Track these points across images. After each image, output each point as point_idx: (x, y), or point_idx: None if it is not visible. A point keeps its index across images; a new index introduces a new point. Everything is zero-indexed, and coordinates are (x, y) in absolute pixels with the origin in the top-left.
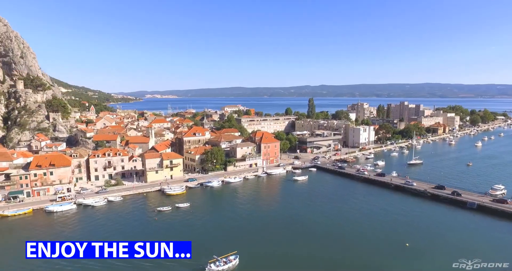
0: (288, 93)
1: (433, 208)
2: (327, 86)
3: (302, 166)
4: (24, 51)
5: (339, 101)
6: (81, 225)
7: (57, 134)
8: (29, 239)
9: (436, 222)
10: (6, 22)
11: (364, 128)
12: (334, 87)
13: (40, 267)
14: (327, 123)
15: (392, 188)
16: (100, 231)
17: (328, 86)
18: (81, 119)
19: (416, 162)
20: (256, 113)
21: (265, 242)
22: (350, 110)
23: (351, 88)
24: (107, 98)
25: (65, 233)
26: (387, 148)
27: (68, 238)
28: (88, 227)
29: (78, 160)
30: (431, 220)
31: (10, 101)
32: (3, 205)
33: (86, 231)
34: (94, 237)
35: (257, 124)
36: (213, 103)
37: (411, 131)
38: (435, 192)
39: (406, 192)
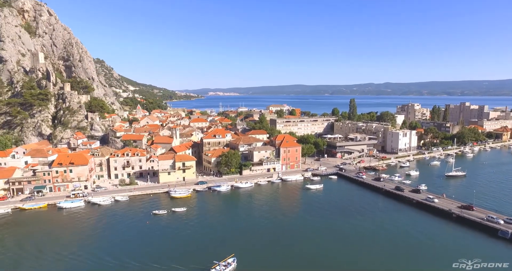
0: (350, 91)
1: (456, 234)
2: (392, 84)
3: (322, 173)
4: (82, 55)
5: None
6: (74, 225)
7: (93, 133)
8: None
9: (454, 253)
10: (70, 30)
11: (404, 133)
12: (400, 84)
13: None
14: (365, 126)
15: (414, 204)
16: (86, 233)
17: (393, 84)
18: (129, 118)
19: (456, 174)
20: (303, 113)
21: (252, 252)
22: (400, 111)
23: (419, 86)
24: (170, 95)
25: (55, 232)
26: (431, 155)
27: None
28: (78, 227)
29: (100, 159)
30: (448, 250)
31: (58, 101)
32: (22, 198)
33: (72, 232)
34: (75, 241)
35: (293, 126)
36: (271, 101)
37: (465, 136)
38: (462, 214)
39: (428, 210)
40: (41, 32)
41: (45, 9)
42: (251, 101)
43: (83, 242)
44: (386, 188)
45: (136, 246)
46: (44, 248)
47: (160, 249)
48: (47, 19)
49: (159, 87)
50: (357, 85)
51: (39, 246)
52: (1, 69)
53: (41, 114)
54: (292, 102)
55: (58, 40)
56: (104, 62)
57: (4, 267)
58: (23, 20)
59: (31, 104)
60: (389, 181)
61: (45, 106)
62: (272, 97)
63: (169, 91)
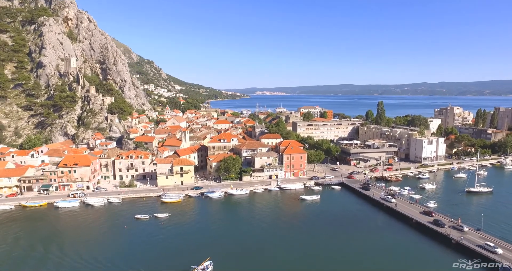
0: (401, 91)
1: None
2: (448, 83)
3: (326, 182)
4: (116, 59)
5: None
6: (59, 224)
7: (111, 134)
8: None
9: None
10: (106, 35)
11: (429, 140)
12: (457, 84)
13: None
14: (390, 131)
15: (413, 224)
16: (64, 234)
17: (450, 83)
18: (157, 118)
19: (479, 190)
20: (337, 115)
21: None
22: (438, 115)
23: (479, 85)
24: (215, 94)
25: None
26: (461, 165)
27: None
28: (61, 227)
29: (106, 160)
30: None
31: (84, 103)
32: (23, 196)
33: (53, 231)
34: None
35: (315, 129)
36: (315, 101)
37: (508, 145)
38: (462, 241)
39: (429, 234)
40: (81, 37)
41: (85, 17)
42: (295, 101)
43: (58, 241)
44: (378, 199)
45: (110, 250)
46: (22, 243)
47: (134, 254)
48: (87, 26)
49: (205, 87)
50: (409, 84)
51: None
52: (41, 73)
53: (68, 115)
54: (337, 102)
55: (96, 44)
56: (153, 62)
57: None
58: (67, 27)
59: (60, 106)
60: (398, 195)
61: (72, 108)
62: (318, 97)
63: (215, 90)
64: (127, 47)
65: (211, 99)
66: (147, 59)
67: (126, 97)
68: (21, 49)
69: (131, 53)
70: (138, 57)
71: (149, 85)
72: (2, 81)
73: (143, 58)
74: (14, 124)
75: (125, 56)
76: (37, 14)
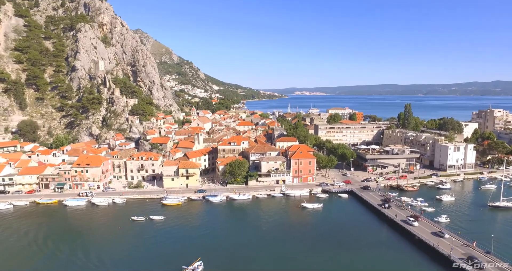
0: (448, 91)
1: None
2: (503, 82)
3: (333, 189)
4: (145, 61)
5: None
6: (61, 222)
7: (131, 135)
8: None
9: None
10: (137, 39)
11: (456, 146)
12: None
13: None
14: (415, 136)
15: (416, 241)
16: (66, 230)
17: (505, 82)
18: (183, 119)
19: (505, 205)
20: (369, 117)
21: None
22: (476, 118)
23: None
24: (253, 95)
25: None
26: (492, 175)
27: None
28: (62, 225)
29: (119, 161)
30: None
31: (109, 105)
32: (40, 193)
33: (56, 227)
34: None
35: (337, 132)
36: (355, 101)
37: None
38: (464, 265)
39: (431, 254)
40: (114, 41)
41: (118, 22)
42: (334, 101)
43: (55, 238)
44: (390, 217)
45: (101, 250)
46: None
47: (125, 254)
48: (120, 30)
49: (244, 87)
50: (457, 84)
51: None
52: (74, 76)
53: (93, 116)
54: (376, 103)
55: (127, 48)
56: (192, 63)
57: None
58: (102, 32)
59: (87, 108)
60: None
61: (98, 109)
62: (359, 97)
63: (253, 90)
64: (169, 48)
65: (248, 99)
66: (187, 60)
67: (154, 98)
68: (60, 54)
69: (172, 54)
70: (178, 58)
71: (186, 85)
72: (41, 84)
73: (183, 59)
74: (48, 124)
75: (166, 57)
76: (76, 21)
